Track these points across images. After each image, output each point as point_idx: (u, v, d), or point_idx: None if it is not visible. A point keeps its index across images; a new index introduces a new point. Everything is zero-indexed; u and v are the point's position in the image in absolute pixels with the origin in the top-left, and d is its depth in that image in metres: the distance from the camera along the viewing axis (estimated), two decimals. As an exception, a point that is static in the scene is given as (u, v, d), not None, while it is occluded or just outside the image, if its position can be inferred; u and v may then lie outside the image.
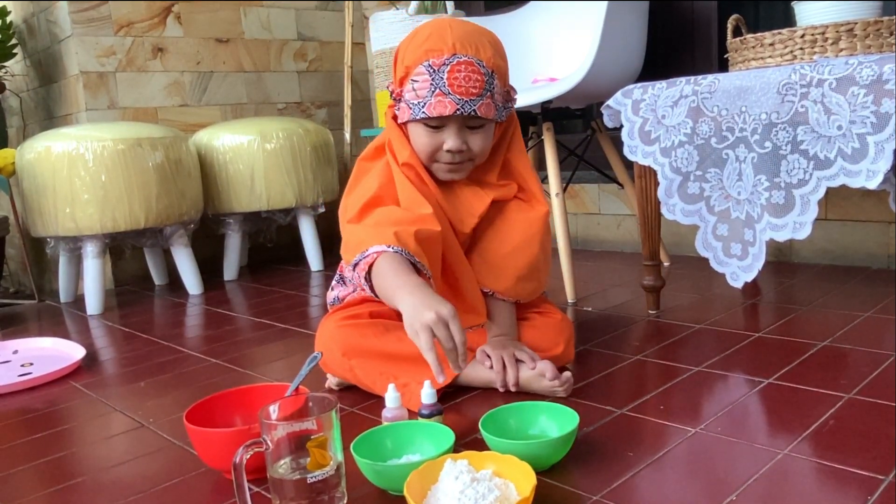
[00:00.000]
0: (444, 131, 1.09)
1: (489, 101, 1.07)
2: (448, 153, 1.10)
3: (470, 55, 1.06)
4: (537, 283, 1.24)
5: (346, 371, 1.20)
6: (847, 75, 1.20)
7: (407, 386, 1.13)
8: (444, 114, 1.05)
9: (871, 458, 0.86)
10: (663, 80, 1.44)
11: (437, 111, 1.05)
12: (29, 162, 2.12)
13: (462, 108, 1.05)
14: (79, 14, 2.42)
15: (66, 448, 1.15)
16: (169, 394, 1.37)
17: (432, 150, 1.11)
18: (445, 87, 1.04)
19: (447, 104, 1.05)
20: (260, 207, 2.45)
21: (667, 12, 2.19)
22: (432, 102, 1.05)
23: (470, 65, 1.05)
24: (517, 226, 1.20)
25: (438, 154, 1.11)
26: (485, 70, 1.06)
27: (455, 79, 1.04)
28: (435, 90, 1.05)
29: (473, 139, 1.10)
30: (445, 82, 1.04)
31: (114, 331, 1.93)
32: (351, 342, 1.18)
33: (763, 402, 1.06)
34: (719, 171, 1.39)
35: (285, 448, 0.81)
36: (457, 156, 1.10)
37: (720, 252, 1.44)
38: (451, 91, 1.04)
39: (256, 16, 2.84)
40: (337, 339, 1.19)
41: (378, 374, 1.17)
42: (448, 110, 1.05)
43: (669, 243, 2.20)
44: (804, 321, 1.44)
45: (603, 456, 0.94)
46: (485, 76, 1.06)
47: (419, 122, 1.09)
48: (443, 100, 1.05)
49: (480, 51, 1.07)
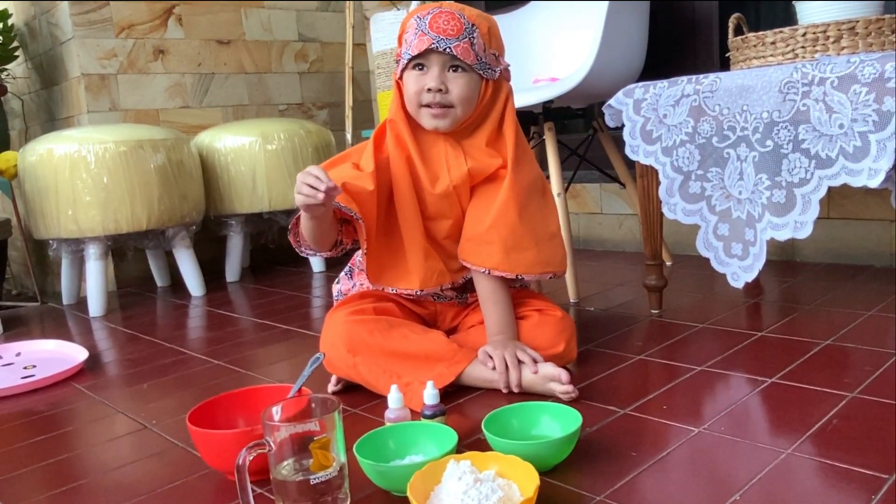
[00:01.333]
0: (427, 74, 1.18)
1: (467, 46, 1.16)
2: (429, 92, 1.17)
3: (453, 10, 1.17)
4: (534, 252, 1.22)
5: (350, 368, 1.21)
6: (849, 73, 1.19)
7: (410, 385, 1.14)
8: (423, 48, 1.15)
9: (874, 458, 0.86)
10: (665, 79, 1.44)
11: (418, 47, 1.15)
12: (31, 164, 2.13)
13: (437, 44, 1.15)
14: (80, 16, 2.42)
15: (70, 450, 1.15)
16: (172, 395, 1.37)
17: (416, 92, 1.18)
18: (427, 28, 1.16)
19: (425, 41, 1.15)
20: (262, 209, 2.45)
21: (668, 11, 2.18)
22: (415, 42, 1.16)
23: (451, 14, 1.17)
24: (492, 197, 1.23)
25: (422, 96, 1.18)
26: (465, 21, 1.17)
27: (435, 21, 1.16)
28: (418, 32, 1.16)
29: (454, 82, 1.17)
30: (427, 24, 1.16)
31: (116, 333, 1.94)
32: (356, 339, 1.19)
33: (766, 402, 1.06)
34: (720, 171, 1.39)
35: (288, 449, 0.81)
36: (437, 95, 1.17)
37: (721, 252, 1.44)
38: (430, 31, 1.15)
39: (257, 17, 2.84)
40: (342, 335, 1.20)
41: (382, 372, 1.17)
42: (425, 45, 1.15)
43: (671, 242, 2.20)
44: (807, 320, 1.44)
45: (606, 456, 0.94)
46: (464, 24, 1.16)
47: (407, 68, 1.19)
48: (423, 38, 1.15)
49: (465, 11, 1.18)
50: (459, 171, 1.22)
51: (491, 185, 1.24)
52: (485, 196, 1.24)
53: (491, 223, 1.21)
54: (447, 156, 1.23)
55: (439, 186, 1.23)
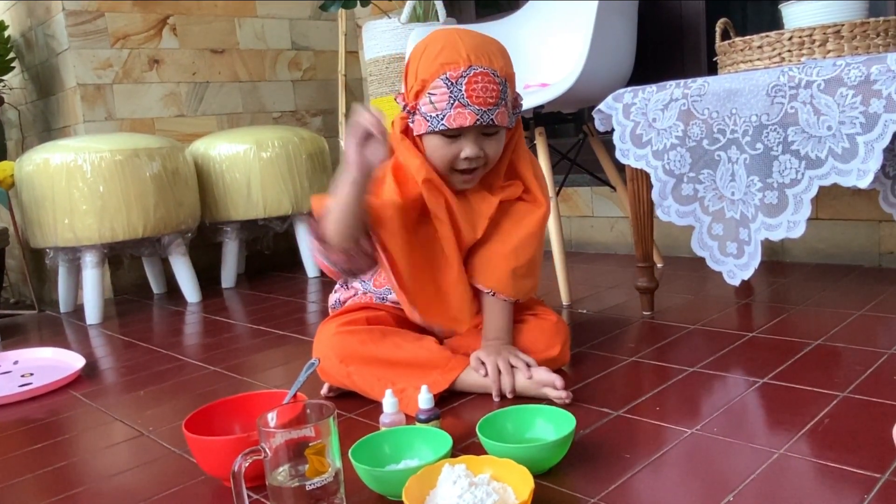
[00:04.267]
0: (461, 140, 1.12)
1: (504, 109, 1.11)
2: (466, 160, 1.13)
3: (485, 66, 1.09)
4: (534, 280, 1.27)
5: (344, 378, 1.21)
6: (835, 76, 1.21)
7: (404, 391, 1.14)
8: (465, 125, 1.08)
9: (866, 457, 0.87)
10: (653, 83, 1.46)
11: (458, 122, 1.08)
12: (28, 174, 2.13)
13: (481, 118, 1.08)
14: (76, 27, 2.43)
15: (67, 458, 1.16)
16: (168, 402, 1.37)
17: (450, 159, 1.14)
18: (465, 98, 1.07)
19: (467, 115, 1.08)
20: (257, 215, 2.46)
21: (656, 16, 2.20)
22: (452, 114, 1.08)
23: (486, 76, 1.08)
24: (519, 225, 1.23)
25: (456, 162, 1.14)
26: (499, 79, 1.10)
27: (473, 90, 1.07)
28: (454, 102, 1.08)
29: (489, 145, 1.14)
30: (464, 94, 1.07)
31: (113, 340, 1.94)
32: (348, 349, 1.19)
33: (758, 402, 1.07)
34: (712, 173, 1.41)
35: (284, 455, 0.81)
36: (473, 162, 1.13)
37: (716, 251, 1.45)
38: (471, 102, 1.07)
39: (251, 26, 2.85)
40: (334, 346, 1.20)
41: (376, 380, 1.18)
42: (469, 121, 1.08)
43: (662, 245, 2.21)
44: (797, 320, 1.45)
45: (600, 458, 0.94)
46: (500, 85, 1.10)
47: (436, 133, 1.12)
48: (462, 111, 1.08)
49: (493, 61, 1.10)
50: (490, 207, 1.21)
51: (520, 204, 1.24)
52: (513, 216, 1.24)
53: (511, 250, 1.22)
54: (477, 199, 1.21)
55: (479, 229, 1.21)
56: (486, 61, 1.09)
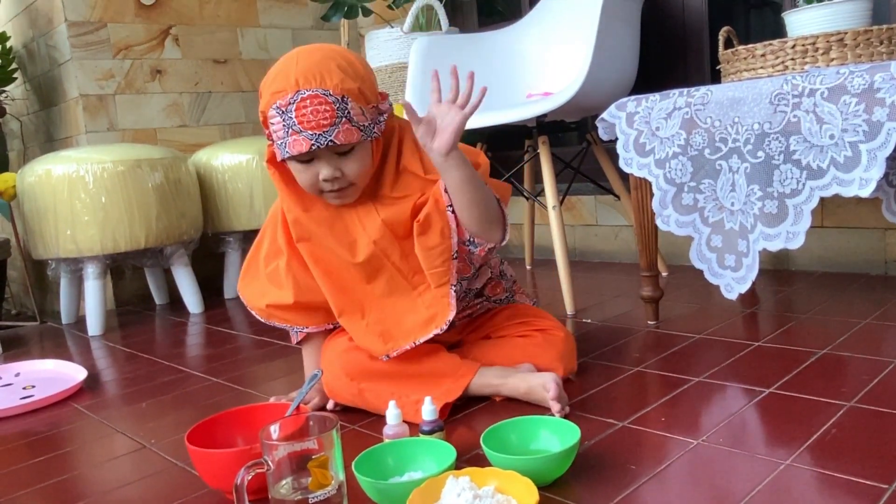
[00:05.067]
0: (316, 162, 1.10)
1: (347, 127, 1.06)
2: (326, 182, 1.11)
3: (314, 88, 1.05)
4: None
5: (354, 396, 1.20)
6: (838, 84, 1.21)
7: (419, 402, 1.13)
8: (302, 151, 1.06)
9: (873, 467, 0.86)
10: (657, 92, 1.46)
11: (296, 150, 1.06)
12: (30, 185, 2.14)
13: (317, 142, 1.05)
14: (78, 38, 2.44)
15: (69, 471, 1.15)
16: (170, 414, 1.37)
17: (312, 183, 1.12)
18: (296, 125, 1.05)
19: (302, 142, 1.05)
20: (259, 225, 2.44)
21: (659, 24, 2.20)
22: (289, 142, 1.06)
23: (315, 98, 1.04)
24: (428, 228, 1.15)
25: (318, 184, 1.12)
26: (333, 98, 1.05)
27: (303, 115, 1.04)
28: (289, 130, 1.05)
29: (346, 164, 1.10)
30: (295, 121, 1.05)
31: (115, 351, 1.94)
32: (358, 366, 1.18)
33: (764, 413, 1.07)
34: (713, 182, 1.40)
35: (286, 468, 0.81)
36: (335, 183, 1.11)
37: (714, 264, 1.44)
38: (303, 128, 1.04)
39: (253, 36, 2.86)
40: (344, 364, 1.19)
41: (389, 395, 1.16)
42: (304, 147, 1.05)
43: (667, 253, 2.21)
44: (803, 329, 1.44)
45: (605, 470, 0.94)
46: (334, 104, 1.05)
47: (290, 159, 1.10)
48: (297, 138, 1.05)
49: (326, 79, 1.05)
50: (375, 225, 1.16)
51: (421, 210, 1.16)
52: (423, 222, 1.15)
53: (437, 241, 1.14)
54: (360, 217, 1.18)
55: (361, 254, 1.17)
56: (317, 82, 1.05)
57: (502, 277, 1.37)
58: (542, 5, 2.21)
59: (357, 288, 1.21)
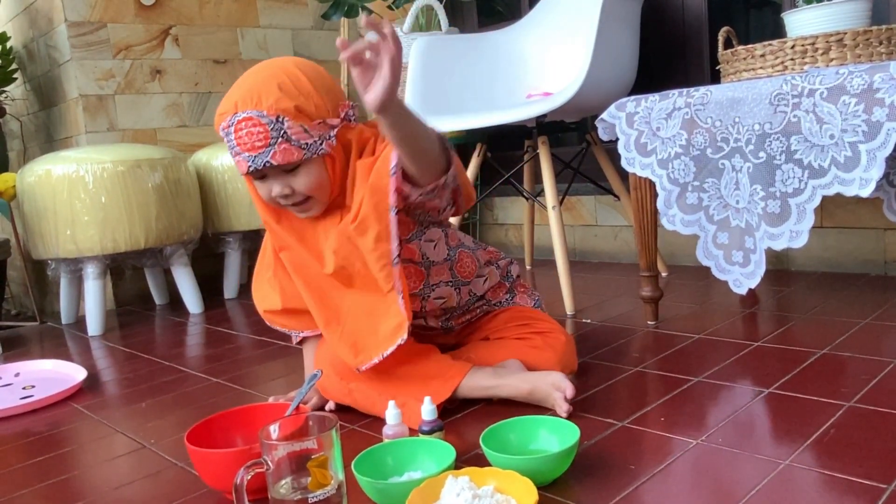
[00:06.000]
0: (268, 180, 1.11)
1: (285, 147, 1.05)
2: (280, 198, 1.11)
3: (249, 109, 1.05)
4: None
5: (344, 395, 1.21)
6: (838, 85, 1.21)
7: (406, 405, 1.13)
8: (243, 172, 1.09)
9: (873, 467, 0.86)
10: (657, 92, 1.46)
11: (241, 170, 1.10)
12: (29, 185, 2.14)
13: (253, 163, 1.06)
14: (78, 38, 2.44)
15: (69, 471, 1.15)
16: (170, 414, 1.37)
17: (269, 199, 1.13)
18: (236, 147, 1.07)
19: (242, 163, 1.08)
20: (259, 225, 2.45)
21: (658, 24, 2.21)
22: (235, 161, 1.10)
23: (249, 120, 1.05)
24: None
25: (277, 201, 1.12)
26: (266, 119, 1.04)
27: (240, 138, 1.06)
28: (232, 151, 1.09)
29: (296, 181, 1.10)
30: (234, 143, 1.07)
31: (115, 351, 1.94)
32: (347, 366, 1.17)
33: (764, 412, 1.07)
34: (717, 181, 1.40)
35: (286, 468, 0.81)
36: (288, 199, 1.11)
37: (721, 260, 1.45)
38: (241, 150, 1.07)
39: (253, 37, 2.86)
40: (334, 364, 1.19)
41: (377, 395, 1.17)
42: (243, 168, 1.08)
43: (666, 253, 2.21)
44: (803, 329, 1.44)
45: (605, 469, 0.94)
46: (268, 125, 1.04)
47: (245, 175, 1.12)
48: (238, 159, 1.08)
49: (262, 100, 1.05)
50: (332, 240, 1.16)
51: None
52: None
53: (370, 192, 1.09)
54: (324, 228, 1.18)
55: (328, 265, 1.17)
56: (253, 103, 1.05)
57: (507, 279, 1.37)
58: (542, 6, 2.21)
59: (334, 295, 1.20)
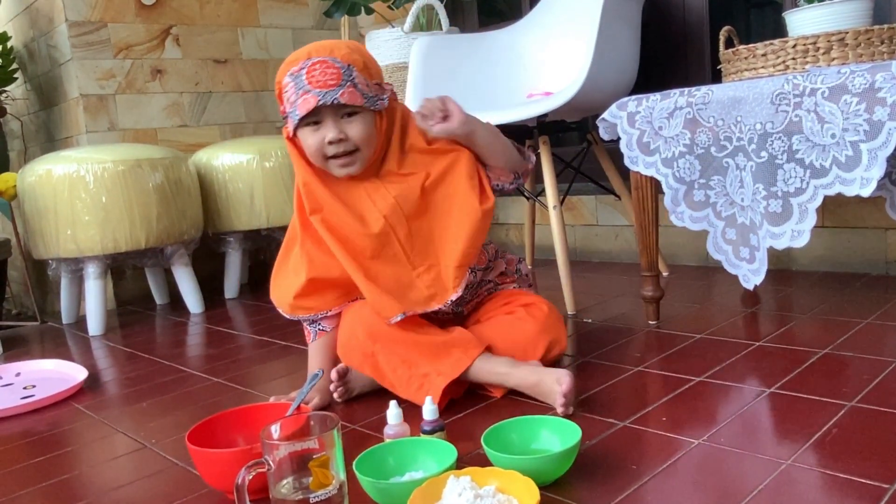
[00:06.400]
0: (323, 126, 1.17)
1: (352, 90, 1.15)
2: (331, 145, 1.17)
3: (323, 56, 1.15)
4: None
5: (367, 357, 1.22)
6: (839, 84, 1.20)
7: (427, 376, 1.16)
8: (311, 107, 1.13)
9: (875, 467, 0.86)
10: (658, 91, 1.45)
11: (305, 107, 1.14)
12: (30, 185, 2.14)
13: (323, 98, 1.13)
14: (78, 38, 2.44)
15: (70, 470, 1.15)
16: (171, 414, 1.37)
17: (318, 147, 1.18)
18: (306, 85, 1.14)
19: (310, 99, 1.13)
20: (260, 225, 2.46)
21: (659, 24, 2.20)
22: (300, 102, 1.14)
23: (323, 62, 1.15)
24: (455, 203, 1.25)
25: (324, 149, 1.18)
26: (340, 64, 1.15)
27: (313, 76, 1.14)
28: (300, 91, 1.15)
29: (350, 127, 1.17)
30: (305, 82, 1.14)
31: (116, 351, 1.94)
32: (377, 326, 1.20)
33: (765, 412, 1.06)
34: (722, 179, 1.41)
35: (287, 468, 0.81)
36: (339, 146, 1.17)
37: (731, 255, 1.45)
38: (312, 87, 1.14)
39: (254, 36, 2.86)
40: (363, 322, 1.21)
41: (400, 362, 1.19)
42: (312, 103, 1.13)
43: (667, 253, 2.21)
44: (804, 329, 1.44)
45: (606, 469, 0.94)
46: (341, 69, 1.15)
47: (301, 126, 1.18)
48: (307, 96, 1.14)
49: (334, 51, 1.16)
50: (386, 202, 1.22)
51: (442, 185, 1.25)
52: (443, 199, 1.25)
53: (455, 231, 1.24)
54: (369, 193, 1.23)
55: (374, 225, 1.21)
56: (326, 52, 1.16)
57: (517, 273, 1.42)
58: (543, 5, 2.20)
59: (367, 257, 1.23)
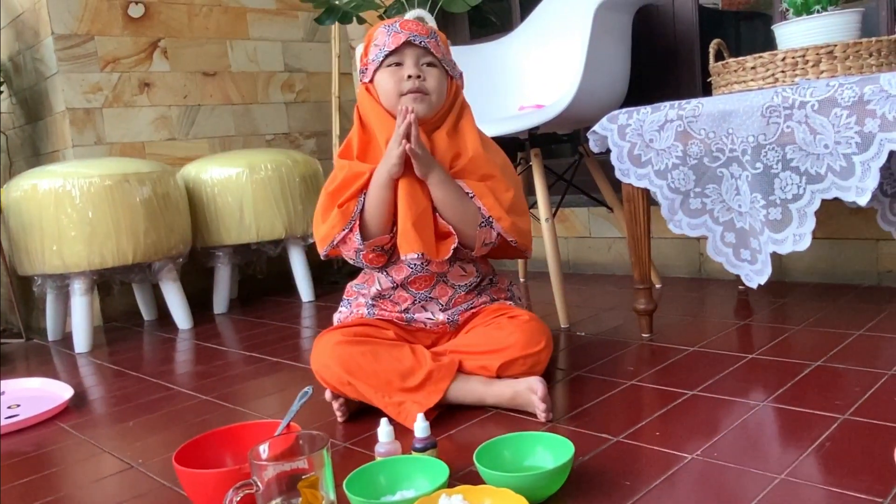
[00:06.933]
0: (404, 67, 1.28)
1: (435, 44, 1.30)
2: (409, 80, 1.26)
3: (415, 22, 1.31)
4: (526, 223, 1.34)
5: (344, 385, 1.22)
6: (829, 97, 1.21)
7: (402, 405, 1.16)
8: (400, 43, 1.26)
9: (868, 480, 0.86)
10: (648, 104, 1.46)
11: (394, 43, 1.27)
12: (15, 200, 2.11)
13: (413, 38, 1.27)
14: (65, 51, 2.43)
15: (55, 492, 1.12)
16: (158, 433, 1.34)
17: (396, 83, 1.27)
18: (398, 28, 1.28)
19: (401, 37, 1.27)
20: (249, 239, 2.44)
21: (650, 37, 2.21)
22: (389, 41, 1.27)
23: (416, 22, 1.31)
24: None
25: (401, 85, 1.27)
26: (429, 28, 1.31)
27: (405, 23, 1.29)
28: (391, 33, 1.28)
29: (429, 73, 1.28)
30: (398, 26, 1.29)
31: (102, 369, 1.91)
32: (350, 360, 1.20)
33: (759, 426, 1.06)
34: (717, 187, 1.41)
35: (276, 489, 0.79)
36: (416, 81, 1.26)
37: (731, 257, 1.45)
38: (403, 30, 1.28)
39: (243, 49, 2.85)
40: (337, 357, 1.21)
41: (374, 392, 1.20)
42: (402, 38, 1.27)
43: (659, 265, 2.20)
44: (797, 341, 1.44)
45: (599, 486, 0.93)
46: (429, 31, 1.31)
47: (381, 68, 1.28)
48: (398, 35, 1.27)
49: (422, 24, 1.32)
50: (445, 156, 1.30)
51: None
52: None
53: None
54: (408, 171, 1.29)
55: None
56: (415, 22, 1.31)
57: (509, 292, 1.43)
58: (534, 18, 2.21)
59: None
